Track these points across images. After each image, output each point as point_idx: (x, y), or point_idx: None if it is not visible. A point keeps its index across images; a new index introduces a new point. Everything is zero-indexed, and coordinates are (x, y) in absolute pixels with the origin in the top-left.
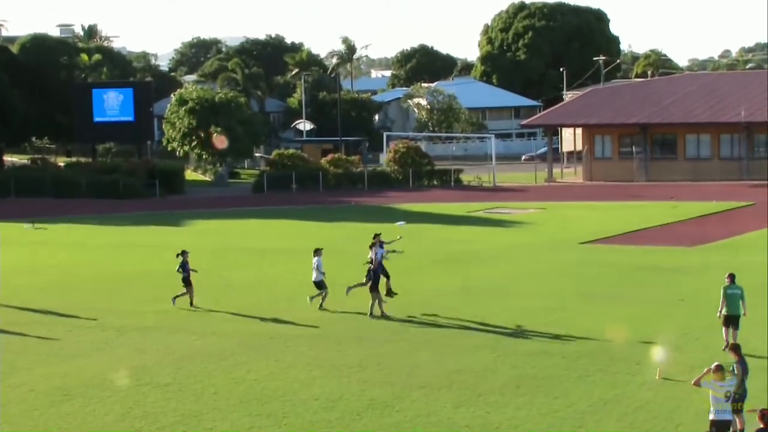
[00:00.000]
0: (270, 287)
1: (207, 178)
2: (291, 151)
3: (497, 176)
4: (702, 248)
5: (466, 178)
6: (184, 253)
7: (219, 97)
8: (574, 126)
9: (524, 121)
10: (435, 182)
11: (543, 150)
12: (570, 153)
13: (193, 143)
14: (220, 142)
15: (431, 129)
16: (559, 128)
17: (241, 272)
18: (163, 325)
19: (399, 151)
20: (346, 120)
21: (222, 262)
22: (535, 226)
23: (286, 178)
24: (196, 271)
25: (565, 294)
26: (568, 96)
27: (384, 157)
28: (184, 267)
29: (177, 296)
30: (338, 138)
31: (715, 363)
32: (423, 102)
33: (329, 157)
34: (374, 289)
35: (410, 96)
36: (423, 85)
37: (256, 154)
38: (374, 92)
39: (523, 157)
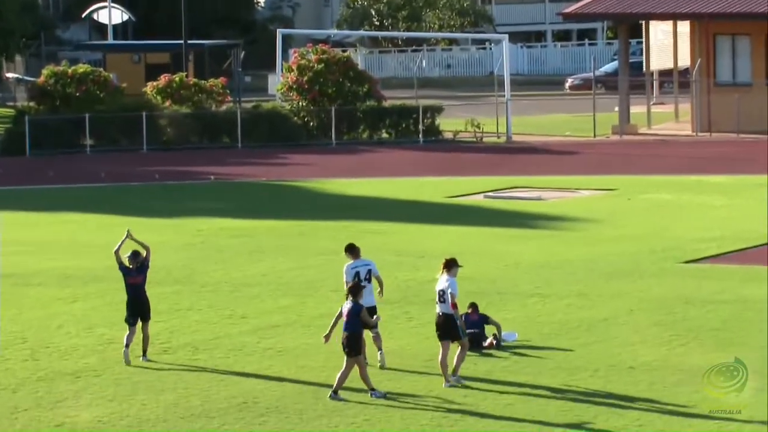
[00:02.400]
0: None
1: None
2: (83, 68)
3: (515, 122)
4: None
5: (450, 124)
6: None
7: None
8: (673, 17)
9: (568, 8)
10: (386, 134)
11: (609, 68)
12: (666, 74)
13: None
14: None
15: (378, 23)
16: (642, 23)
17: None
18: None
19: (308, 68)
20: (199, 5)
21: None
22: (596, 229)
23: (72, 126)
24: None
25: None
26: None
27: (277, 81)
28: None
29: None
30: (182, 41)
31: None
32: None
33: (161, 80)
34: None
35: None
36: None
37: (8, 75)
38: None
39: (569, 83)
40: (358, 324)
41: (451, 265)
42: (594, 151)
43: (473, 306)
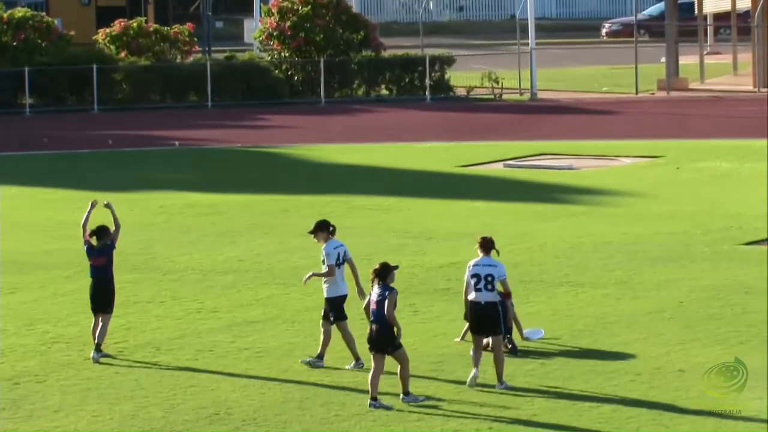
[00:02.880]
0: None
1: None
2: (21, 12)
3: (541, 76)
4: None
5: (463, 79)
6: None
7: None
8: None
9: None
10: (385, 90)
11: (654, 11)
12: (722, 18)
13: None
14: None
15: None
16: None
17: None
18: None
19: (291, 11)
20: None
21: None
22: (638, 204)
23: (8, 82)
24: None
25: None
26: None
27: (254, 27)
28: None
29: None
30: None
31: None
32: None
33: (115, 26)
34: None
35: None
36: None
37: None
38: None
39: (605, 29)
40: (383, 311)
41: (489, 245)
42: (636, 111)
43: None
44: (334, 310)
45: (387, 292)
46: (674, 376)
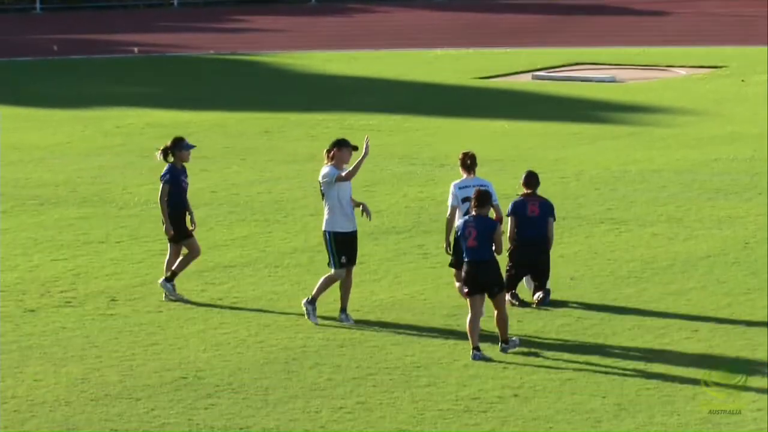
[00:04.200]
0: None
1: None
2: None
3: None
4: None
5: None
6: None
7: None
8: None
9: None
10: None
11: None
12: None
13: None
14: None
15: None
16: None
17: None
18: None
19: None
20: None
21: None
22: (695, 125)
23: None
24: None
25: None
26: None
27: None
28: None
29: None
30: None
31: None
32: None
33: None
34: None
35: None
36: None
37: None
38: None
39: None
40: (491, 248)
41: (473, 163)
42: (693, 10)
43: None
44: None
45: (489, 227)
46: (738, 333)
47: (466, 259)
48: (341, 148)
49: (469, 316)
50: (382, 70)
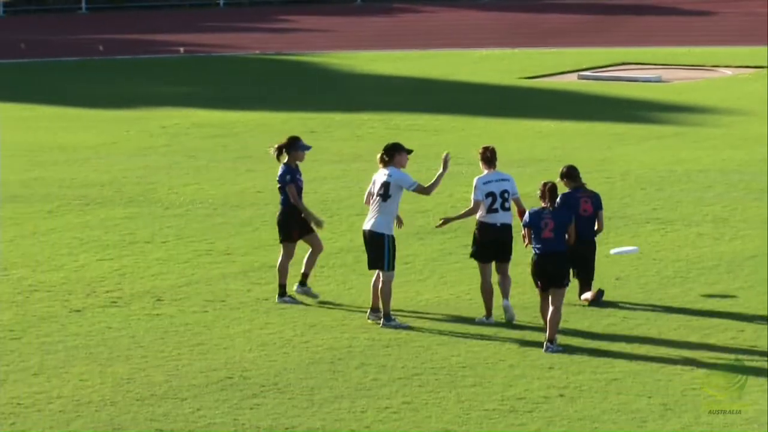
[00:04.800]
0: None
1: None
2: None
3: None
4: None
5: None
6: None
7: None
8: None
9: None
10: None
11: None
12: None
13: None
14: None
15: None
16: None
17: None
18: None
19: None
20: None
21: None
22: (742, 125)
23: None
24: None
25: None
26: None
27: None
28: None
29: None
30: None
31: None
32: None
33: None
34: None
35: None
36: None
37: None
38: None
39: None
40: (565, 240)
41: (493, 156)
42: (740, 10)
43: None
44: None
45: (567, 218)
46: None
47: (537, 252)
48: (400, 152)
49: (551, 310)
50: (427, 70)
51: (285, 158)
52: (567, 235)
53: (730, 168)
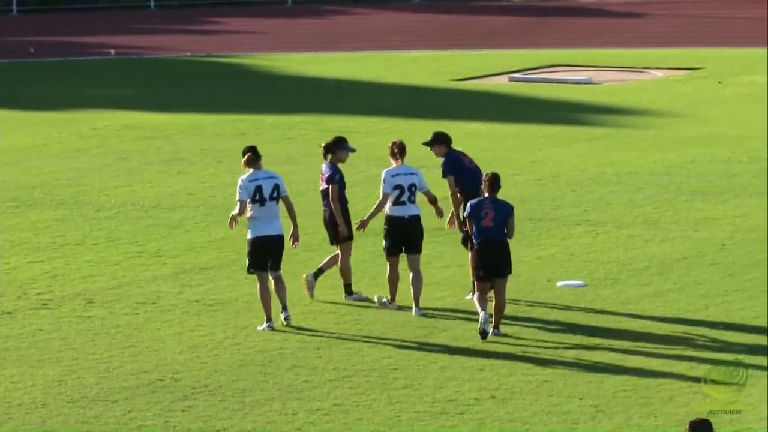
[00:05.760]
0: None
1: None
2: None
3: None
4: None
5: None
6: None
7: None
8: None
9: None
10: None
11: None
12: None
13: None
14: None
15: None
16: None
17: None
18: None
19: None
20: None
21: None
22: (672, 126)
23: None
24: None
25: None
26: None
27: None
28: None
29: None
30: None
31: None
32: None
33: None
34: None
35: None
36: None
37: None
38: None
39: None
40: (504, 231)
41: (403, 150)
42: (669, 12)
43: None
44: None
45: (507, 209)
46: (716, 334)
47: (479, 241)
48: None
49: (495, 298)
50: (358, 72)
51: (329, 158)
52: (507, 230)
53: (660, 170)
